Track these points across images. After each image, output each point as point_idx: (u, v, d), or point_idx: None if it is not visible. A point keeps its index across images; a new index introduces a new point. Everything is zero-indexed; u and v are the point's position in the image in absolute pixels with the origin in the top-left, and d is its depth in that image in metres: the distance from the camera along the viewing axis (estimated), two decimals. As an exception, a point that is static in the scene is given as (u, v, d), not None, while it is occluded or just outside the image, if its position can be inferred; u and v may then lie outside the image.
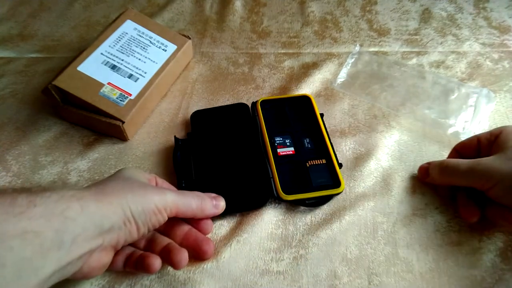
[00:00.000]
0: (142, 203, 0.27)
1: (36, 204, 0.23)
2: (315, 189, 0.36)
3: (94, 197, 0.26)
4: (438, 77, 0.45)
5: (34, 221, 0.22)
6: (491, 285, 0.31)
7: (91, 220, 0.25)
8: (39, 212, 0.23)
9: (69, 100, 0.40)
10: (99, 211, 0.25)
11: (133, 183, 0.29)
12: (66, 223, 0.23)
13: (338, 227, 0.35)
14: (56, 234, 0.23)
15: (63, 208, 0.24)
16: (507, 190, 0.29)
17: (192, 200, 0.31)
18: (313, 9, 0.57)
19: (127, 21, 0.46)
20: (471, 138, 0.35)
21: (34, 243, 0.22)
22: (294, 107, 0.43)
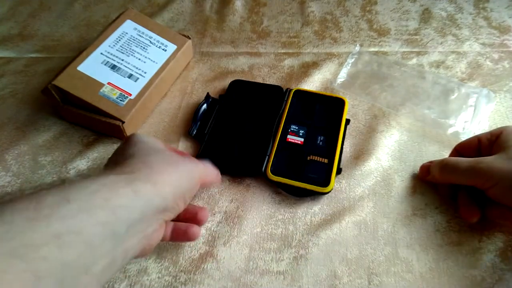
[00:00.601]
0: (189, 179, 0.28)
1: (70, 200, 0.20)
2: (302, 179, 0.36)
3: (148, 179, 0.24)
4: (438, 77, 0.45)
5: (71, 219, 0.19)
6: (491, 285, 0.31)
7: (148, 203, 0.24)
8: (76, 208, 0.20)
9: (69, 100, 0.40)
10: (155, 193, 0.24)
11: (168, 156, 0.28)
12: (116, 213, 0.21)
13: (338, 227, 0.35)
14: (104, 227, 0.21)
15: (107, 198, 0.21)
16: (507, 189, 0.29)
17: (213, 170, 0.32)
18: (313, 9, 0.57)
19: (127, 21, 0.46)
20: (471, 138, 0.35)
21: (76, 244, 0.19)
22: (325, 105, 0.43)
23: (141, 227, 0.23)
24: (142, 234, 0.24)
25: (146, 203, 0.23)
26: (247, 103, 0.44)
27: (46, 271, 0.18)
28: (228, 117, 0.42)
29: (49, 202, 0.20)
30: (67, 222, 0.19)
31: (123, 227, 0.22)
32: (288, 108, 0.42)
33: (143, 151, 0.28)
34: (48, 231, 0.19)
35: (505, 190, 0.29)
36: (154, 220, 0.25)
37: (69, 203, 0.20)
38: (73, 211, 0.20)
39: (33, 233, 0.18)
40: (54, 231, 0.19)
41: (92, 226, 0.20)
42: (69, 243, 0.19)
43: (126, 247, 0.22)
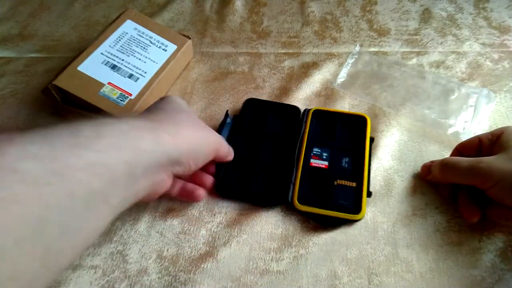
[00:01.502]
0: (206, 143, 0.30)
1: (102, 135, 0.22)
2: (332, 207, 0.34)
3: (167, 130, 0.26)
4: (438, 77, 0.45)
5: (103, 153, 0.21)
6: (491, 285, 0.31)
7: (165, 152, 0.25)
8: (107, 143, 0.22)
9: (69, 100, 0.40)
10: (173, 144, 0.26)
11: (194, 119, 0.31)
12: (138, 155, 0.23)
13: (338, 227, 0.35)
14: (128, 166, 0.22)
15: (133, 139, 0.23)
16: (507, 189, 0.29)
17: (226, 145, 0.34)
18: (313, 9, 0.57)
19: (127, 21, 0.46)
20: (472, 138, 0.35)
21: (103, 175, 0.21)
22: (346, 123, 0.41)
23: (153, 172, 0.25)
24: (152, 179, 0.25)
25: (163, 152, 0.25)
26: (263, 125, 0.41)
27: (77, 192, 0.20)
28: (245, 140, 0.40)
29: (85, 134, 0.22)
30: (99, 154, 0.21)
31: (140, 169, 0.23)
32: (309, 130, 0.40)
33: (174, 108, 0.30)
34: (84, 159, 0.20)
35: (505, 190, 0.29)
36: (165, 169, 0.26)
37: (102, 138, 0.22)
38: (105, 146, 0.22)
39: (72, 158, 0.20)
40: (89, 160, 0.21)
41: (118, 162, 0.22)
42: (99, 172, 0.21)
43: (138, 188, 0.24)
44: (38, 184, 0.18)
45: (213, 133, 0.32)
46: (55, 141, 0.20)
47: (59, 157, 0.20)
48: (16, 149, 0.19)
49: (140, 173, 0.24)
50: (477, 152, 0.34)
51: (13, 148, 0.19)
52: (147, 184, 0.25)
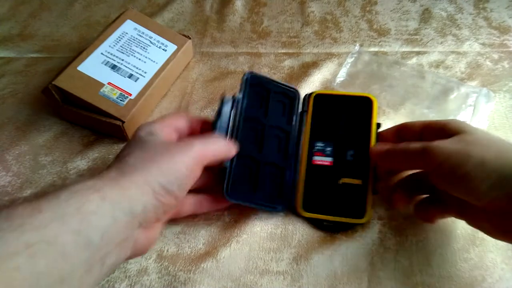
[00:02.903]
0: (171, 171, 0.25)
1: (42, 210, 0.20)
2: (337, 212, 0.33)
3: (114, 182, 0.23)
4: (438, 77, 0.45)
5: (42, 229, 0.19)
6: (492, 285, 0.31)
7: (118, 209, 0.22)
8: (48, 217, 0.20)
9: (69, 100, 0.40)
10: (124, 196, 0.23)
11: (152, 147, 0.26)
12: (87, 220, 0.21)
13: (338, 227, 0.35)
14: (77, 235, 0.20)
15: (78, 205, 0.21)
16: (451, 169, 0.26)
17: (218, 145, 0.29)
18: (313, 9, 0.57)
19: (127, 21, 0.46)
20: (414, 122, 0.33)
21: (49, 253, 0.19)
22: (350, 108, 0.36)
23: (116, 234, 0.22)
24: (118, 240, 0.22)
25: (115, 208, 0.22)
26: (264, 111, 0.36)
27: (18, 281, 0.17)
28: (247, 130, 0.34)
29: (20, 213, 0.19)
30: (39, 232, 0.19)
31: (97, 234, 0.21)
32: (311, 121, 0.36)
33: (129, 148, 0.27)
34: (19, 241, 0.18)
35: (447, 170, 0.26)
36: (132, 225, 0.23)
37: (41, 213, 0.20)
38: (45, 220, 0.19)
39: (5, 244, 0.18)
40: (26, 241, 0.18)
41: (64, 234, 0.20)
42: (42, 252, 0.18)
43: (103, 254, 0.21)
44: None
45: (186, 148, 0.27)
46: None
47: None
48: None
49: (99, 238, 0.21)
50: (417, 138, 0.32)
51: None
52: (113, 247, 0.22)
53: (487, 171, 0.24)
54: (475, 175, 0.24)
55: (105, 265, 0.22)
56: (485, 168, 0.24)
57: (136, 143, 0.27)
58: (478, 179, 0.24)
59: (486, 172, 0.24)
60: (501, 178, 0.24)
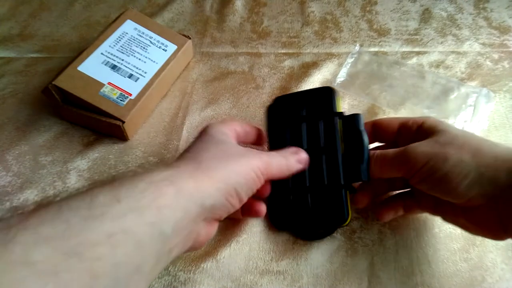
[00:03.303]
0: (243, 174, 0.26)
1: (120, 199, 0.20)
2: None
3: (190, 175, 0.24)
4: (438, 77, 0.45)
5: (121, 219, 0.19)
6: (492, 285, 0.31)
7: (191, 201, 0.23)
8: (126, 208, 0.20)
9: (69, 100, 0.40)
10: (198, 190, 0.23)
11: (227, 148, 0.27)
12: (161, 213, 0.21)
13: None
14: (152, 227, 0.21)
15: (154, 197, 0.21)
16: (429, 172, 0.26)
17: (280, 160, 0.29)
18: (313, 9, 0.57)
19: (127, 21, 0.46)
20: (391, 119, 0.32)
21: (127, 244, 0.19)
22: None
23: (185, 226, 0.23)
24: (186, 232, 0.23)
25: (188, 202, 0.23)
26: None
27: (101, 270, 0.18)
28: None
29: (101, 201, 0.20)
30: (118, 222, 0.19)
31: (169, 226, 0.21)
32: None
33: (204, 144, 0.28)
34: (101, 230, 0.19)
35: (427, 173, 0.26)
36: (200, 218, 0.24)
37: (119, 203, 0.20)
38: (123, 210, 0.20)
39: (88, 232, 0.18)
40: (107, 231, 0.19)
41: (141, 226, 0.20)
42: (121, 242, 0.19)
43: (171, 246, 0.22)
44: (54, 273, 0.16)
45: (252, 157, 0.27)
46: (70, 215, 0.19)
47: (74, 234, 0.18)
48: (27, 235, 0.17)
49: (170, 231, 0.21)
50: (393, 136, 0.32)
51: (23, 234, 0.17)
52: (181, 239, 0.23)
53: (465, 171, 0.25)
54: (454, 176, 0.25)
55: (171, 255, 0.23)
56: (463, 169, 0.25)
57: (210, 141, 0.28)
58: (457, 179, 0.25)
59: (463, 172, 0.25)
60: (478, 176, 0.24)
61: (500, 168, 0.24)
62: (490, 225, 0.26)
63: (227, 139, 0.29)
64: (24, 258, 0.16)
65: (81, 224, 0.18)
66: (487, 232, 0.27)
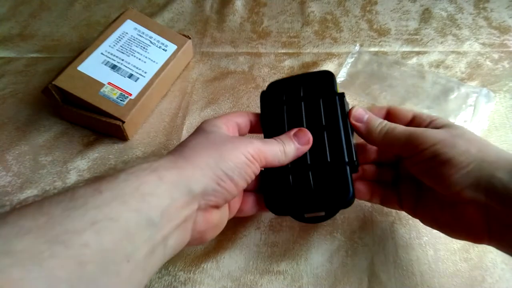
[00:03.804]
0: (231, 157, 0.25)
1: (102, 190, 0.20)
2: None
3: (173, 164, 0.24)
4: (438, 77, 0.45)
5: (105, 207, 0.20)
6: (492, 285, 0.31)
7: (176, 188, 0.23)
8: (108, 197, 0.20)
9: (69, 100, 0.40)
10: (182, 176, 0.23)
11: (215, 137, 0.27)
12: (146, 200, 0.21)
13: (337, 227, 0.35)
14: (138, 214, 0.20)
15: (136, 185, 0.21)
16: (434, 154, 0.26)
17: (276, 147, 0.28)
18: (313, 9, 0.57)
19: (127, 21, 0.46)
20: (406, 109, 0.32)
21: (113, 230, 0.19)
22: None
23: (175, 214, 0.22)
24: (179, 220, 0.23)
25: (173, 187, 0.23)
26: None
27: (88, 257, 0.18)
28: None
29: (82, 193, 0.20)
30: (102, 210, 0.19)
31: (156, 214, 0.21)
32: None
33: (192, 136, 0.28)
34: (85, 218, 0.19)
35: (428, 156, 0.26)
36: (192, 206, 0.24)
37: (101, 193, 0.20)
38: (106, 199, 0.20)
39: (72, 221, 0.18)
40: (91, 219, 0.19)
41: (126, 212, 0.20)
42: (107, 229, 0.19)
43: (164, 234, 0.22)
44: (39, 260, 0.16)
45: (244, 141, 0.27)
46: (51, 208, 0.19)
47: (57, 224, 0.18)
48: (8, 228, 0.17)
49: (158, 218, 0.21)
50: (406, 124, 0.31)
51: (3, 228, 0.17)
52: (173, 227, 0.22)
53: (467, 161, 0.25)
54: (456, 162, 0.25)
55: (168, 246, 0.23)
56: (466, 158, 0.25)
57: (199, 134, 0.28)
58: (458, 166, 0.25)
59: (466, 162, 0.25)
60: (478, 169, 0.25)
61: (500, 167, 0.24)
62: (474, 225, 0.26)
63: (218, 130, 0.28)
64: (4, 248, 0.16)
65: (63, 214, 0.18)
66: (469, 233, 0.27)
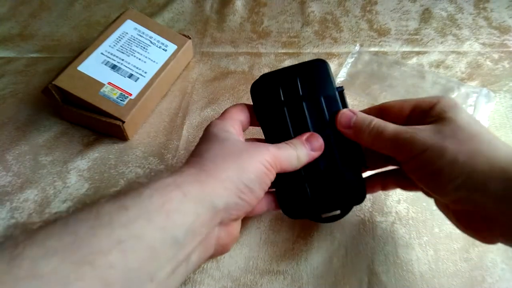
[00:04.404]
0: (251, 169, 0.25)
1: (127, 207, 0.20)
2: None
3: (194, 178, 0.23)
4: (438, 77, 0.45)
5: (130, 225, 0.19)
6: (492, 285, 0.31)
7: (200, 204, 0.22)
8: (134, 214, 0.20)
9: (69, 100, 0.40)
10: (205, 192, 0.23)
11: (231, 146, 0.26)
12: (171, 217, 0.21)
13: (337, 226, 0.35)
14: (163, 232, 0.20)
15: (161, 202, 0.21)
16: (423, 163, 0.25)
17: (289, 152, 0.28)
18: (313, 9, 0.57)
19: (127, 21, 0.46)
20: (403, 102, 0.29)
21: (138, 250, 0.19)
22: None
23: (199, 230, 0.22)
24: (201, 237, 0.23)
25: (197, 205, 0.22)
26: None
27: (114, 277, 0.18)
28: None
29: (108, 210, 0.20)
30: (128, 228, 0.19)
31: (181, 231, 0.21)
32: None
33: (206, 144, 0.27)
34: (111, 237, 0.18)
35: (421, 163, 0.25)
36: (215, 221, 0.23)
37: (127, 210, 0.20)
38: (132, 217, 0.20)
39: (98, 240, 0.18)
40: (117, 237, 0.19)
41: (152, 231, 0.20)
42: (133, 248, 0.19)
43: (188, 252, 0.22)
44: (65, 283, 0.16)
45: (260, 150, 0.26)
46: (76, 226, 0.19)
47: (83, 244, 0.18)
48: (34, 249, 0.17)
49: (183, 235, 0.21)
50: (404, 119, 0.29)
51: (31, 249, 0.17)
52: (197, 244, 0.22)
53: (457, 171, 0.24)
54: (445, 174, 0.24)
55: (190, 263, 0.22)
56: (456, 168, 0.24)
57: (212, 140, 0.27)
58: (448, 177, 0.24)
59: (456, 172, 0.24)
60: (469, 181, 0.23)
61: (494, 176, 0.23)
62: (478, 229, 0.25)
63: (230, 136, 0.27)
64: (32, 271, 0.16)
65: (89, 233, 0.18)
66: (475, 234, 0.26)
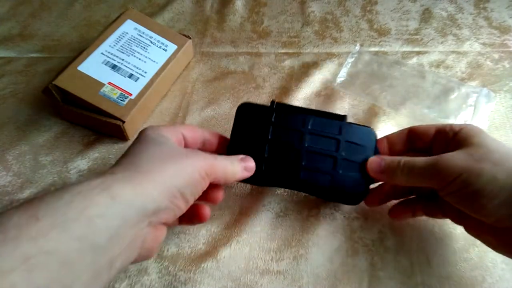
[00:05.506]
0: (186, 175, 0.24)
1: (39, 217, 0.18)
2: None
3: (127, 179, 0.22)
4: (438, 77, 0.45)
5: (41, 238, 0.17)
6: (492, 285, 0.31)
7: (130, 207, 0.21)
8: (46, 225, 0.18)
9: (69, 100, 0.40)
10: (138, 195, 0.22)
11: (168, 150, 0.26)
12: (93, 223, 0.19)
13: (338, 227, 0.35)
14: (81, 241, 0.19)
15: (83, 207, 0.19)
16: (461, 186, 0.25)
17: (225, 164, 0.28)
18: (313, 9, 0.57)
19: (127, 20, 0.46)
20: (428, 126, 0.31)
21: (50, 265, 0.17)
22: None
23: (126, 234, 0.21)
24: (128, 240, 0.21)
25: (126, 207, 0.21)
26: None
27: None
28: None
29: (15, 222, 0.18)
30: (38, 242, 0.17)
31: (103, 237, 0.20)
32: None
33: (142, 146, 0.26)
34: (15, 254, 0.17)
35: (459, 186, 0.25)
36: (142, 224, 0.22)
37: (38, 221, 0.18)
38: (44, 228, 0.18)
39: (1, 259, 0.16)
40: (23, 254, 0.17)
41: (67, 242, 0.18)
42: (41, 265, 0.17)
43: (111, 257, 0.20)
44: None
45: (197, 157, 0.26)
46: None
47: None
48: None
49: (105, 241, 0.20)
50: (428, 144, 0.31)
51: None
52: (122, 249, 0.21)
53: (497, 189, 0.24)
54: (485, 193, 0.24)
55: (113, 268, 0.21)
56: (496, 186, 0.24)
57: (148, 143, 0.26)
58: (488, 196, 0.24)
59: (496, 190, 0.24)
60: (510, 197, 0.24)
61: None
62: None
63: (167, 141, 0.27)
64: None
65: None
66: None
